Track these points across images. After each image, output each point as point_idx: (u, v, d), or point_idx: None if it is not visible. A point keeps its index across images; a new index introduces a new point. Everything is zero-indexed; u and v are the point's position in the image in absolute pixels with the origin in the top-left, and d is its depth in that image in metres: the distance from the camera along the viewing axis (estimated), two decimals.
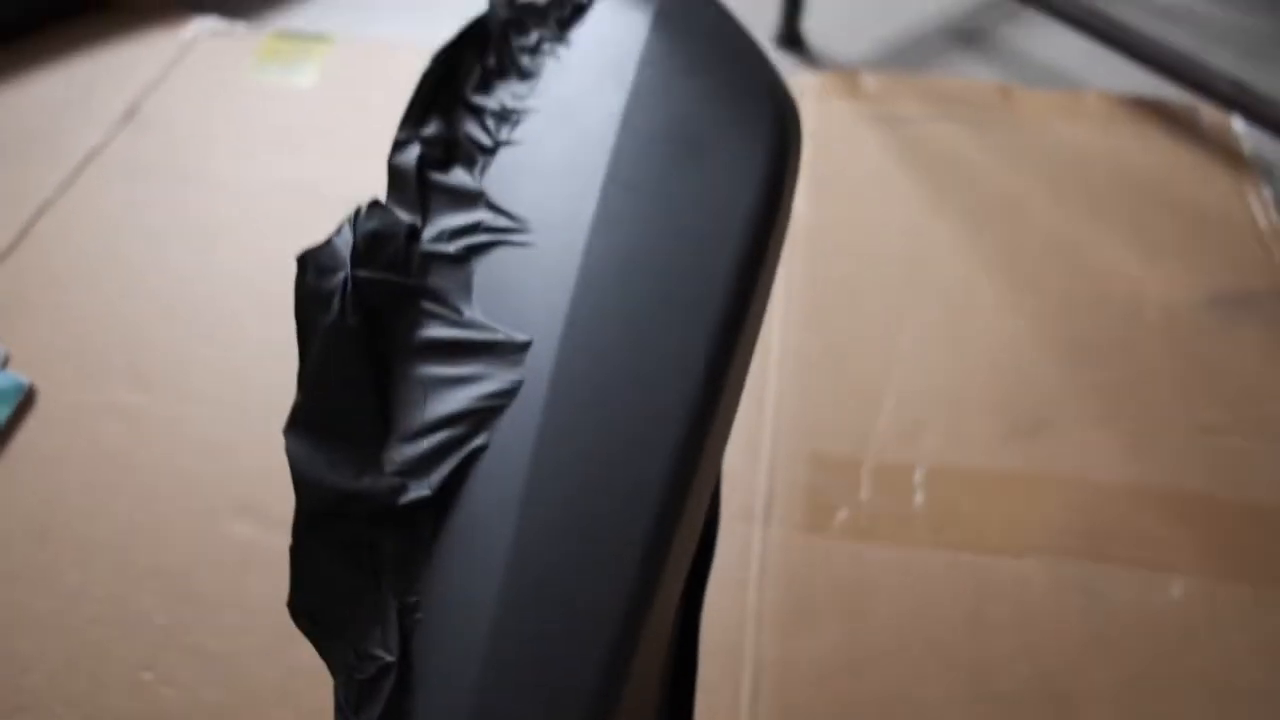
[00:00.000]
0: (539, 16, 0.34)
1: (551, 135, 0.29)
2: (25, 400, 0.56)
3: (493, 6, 0.33)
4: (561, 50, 0.33)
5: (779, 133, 0.29)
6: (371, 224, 0.25)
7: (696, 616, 0.31)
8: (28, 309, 0.61)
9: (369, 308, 0.24)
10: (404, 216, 0.27)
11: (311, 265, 0.25)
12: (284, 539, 0.56)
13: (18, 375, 0.57)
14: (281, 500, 0.54)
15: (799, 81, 0.81)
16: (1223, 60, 0.87)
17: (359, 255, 0.25)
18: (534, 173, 0.28)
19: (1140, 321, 0.63)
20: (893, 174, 0.73)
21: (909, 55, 0.88)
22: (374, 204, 0.26)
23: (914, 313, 0.63)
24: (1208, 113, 0.78)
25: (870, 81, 0.81)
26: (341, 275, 0.24)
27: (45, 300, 0.62)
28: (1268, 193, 0.72)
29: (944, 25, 0.92)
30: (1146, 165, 0.74)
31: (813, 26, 0.89)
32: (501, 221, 0.27)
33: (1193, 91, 0.75)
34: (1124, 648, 0.47)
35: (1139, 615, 0.48)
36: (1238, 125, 0.77)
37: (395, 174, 0.28)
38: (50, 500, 0.51)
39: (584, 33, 0.33)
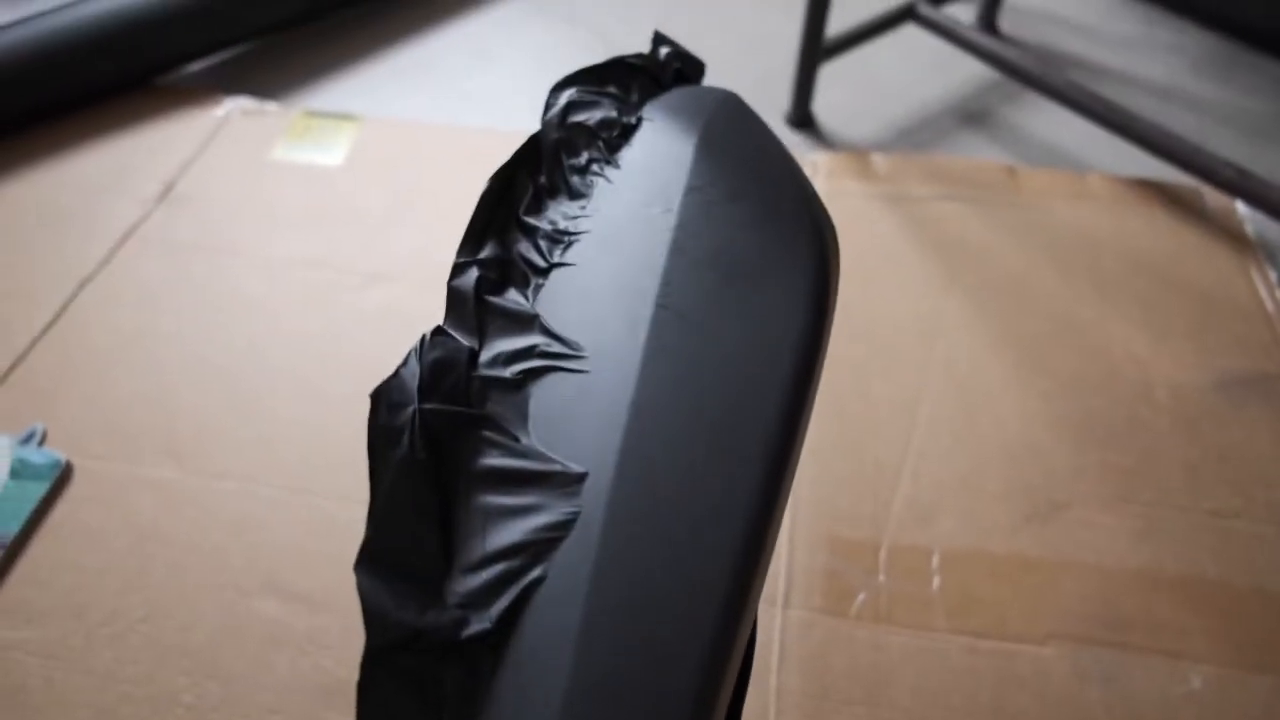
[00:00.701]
0: (589, 137, 0.35)
1: (602, 259, 0.31)
2: (62, 476, 0.57)
3: (546, 127, 0.35)
4: (611, 171, 0.34)
5: (819, 257, 0.30)
6: (435, 353, 0.27)
7: None
8: (66, 384, 0.63)
9: (435, 438, 0.26)
10: (463, 340, 0.28)
11: (384, 401, 0.26)
12: (306, 617, 0.56)
13: (55, 452, 0.58)
14: (306, 577, 0.55)
15: (810, 160, 0.84)
16: (1224, 141, 0.90)
17: (425, 386, 0.26)
18: (586, 296, 0.30)
19: (1149, 402, 0.64)
20: (903, 253, 0.75)
21: (916, 135, 0.91)
22: (437, 331, 0.28)
23: (926, 395, 0.64)
24: (1212, 195, 0.80)
25: (880, 161, 0.84)
26: (410, 410, 0.26)
27: (83, 375, 0.64)
28: (1273, 274, 0.74)
29: (950, 106, 0.95)
30: (1152, 246, 0.76)
31: (823, 108, 0.93)
32: (555, 347, 0.28)
33: (1195, 177, 0.77)
34: None
35: (1159, 706, 0.49)
36: (1241, 208, 0.79)
37: (454, 297, 0.29)
38: (86, 577, 0.53)
39: (633, 154, 0.35)
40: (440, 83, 0.96)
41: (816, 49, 0.88)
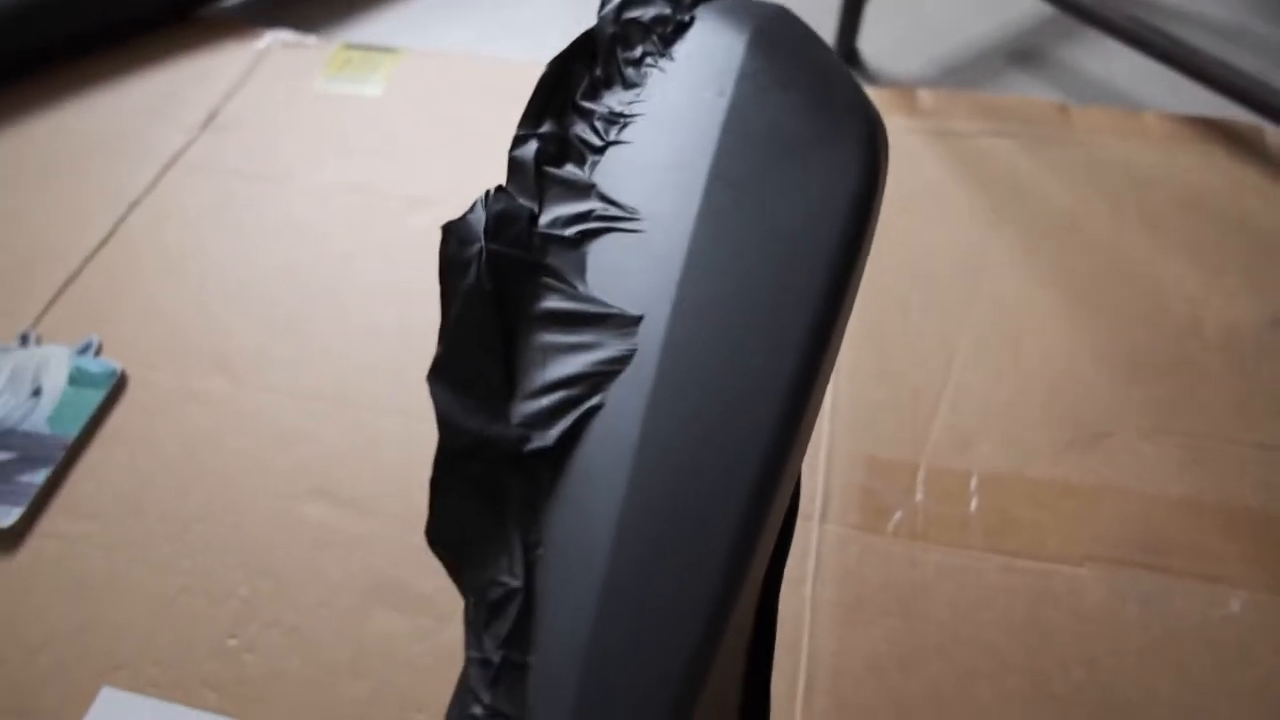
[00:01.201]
0: (644, 32, 0.36)
1: (657, 137, 0.32)
2: (117, 385, 0.59)
3: (601, 22, 0.36)
4: (665, 63, 0.35)
5: (869, 140, 0.31)
6: (499, 205, 0.28)
7: (775, 596, 0.32)
8: (119, 300, 0.65)
9: (499, 277, 0.27)
10: (524, 203, 0.29)
11: (454, 236, 0.27)
12: (354, 521, 0.58)
13: (111, 361, 0.60)
14: (352, 484, 0.57)
15: None
16: None
17: (490, 231, 0.28)
18: (641, 169, 0.31)
19: (1199, 338, 0.63)
20: (948, 189, 0.74)
21: (965, 73, 0.89)
22: (499, 189, 0.29)
23: (969, 326, 0.64)
24: (1274, 132, 0.77)
25: (926, 97, 0.82)
26: (477, 246, 0.27)
27: (135, 292, 0.65)
28: None
29: (1000, 43, 0.93)
30: (1208, 184, 0.74)
31: (868, 44, 0.91)
32: (612, 211, 0.29)
33: (1257, 114, 0.75)
34: (1181, 659, 0.47)
35: (1197, 627, 0.48)
36: None
37: (515, 166, 0.30)
38: (142, 479, 0.54)
39: (685, 48, 0.36)
40: (481, 15, 0.95)
41: None
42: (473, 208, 0.28)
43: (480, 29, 0.94)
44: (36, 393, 0.58)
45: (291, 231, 0.70)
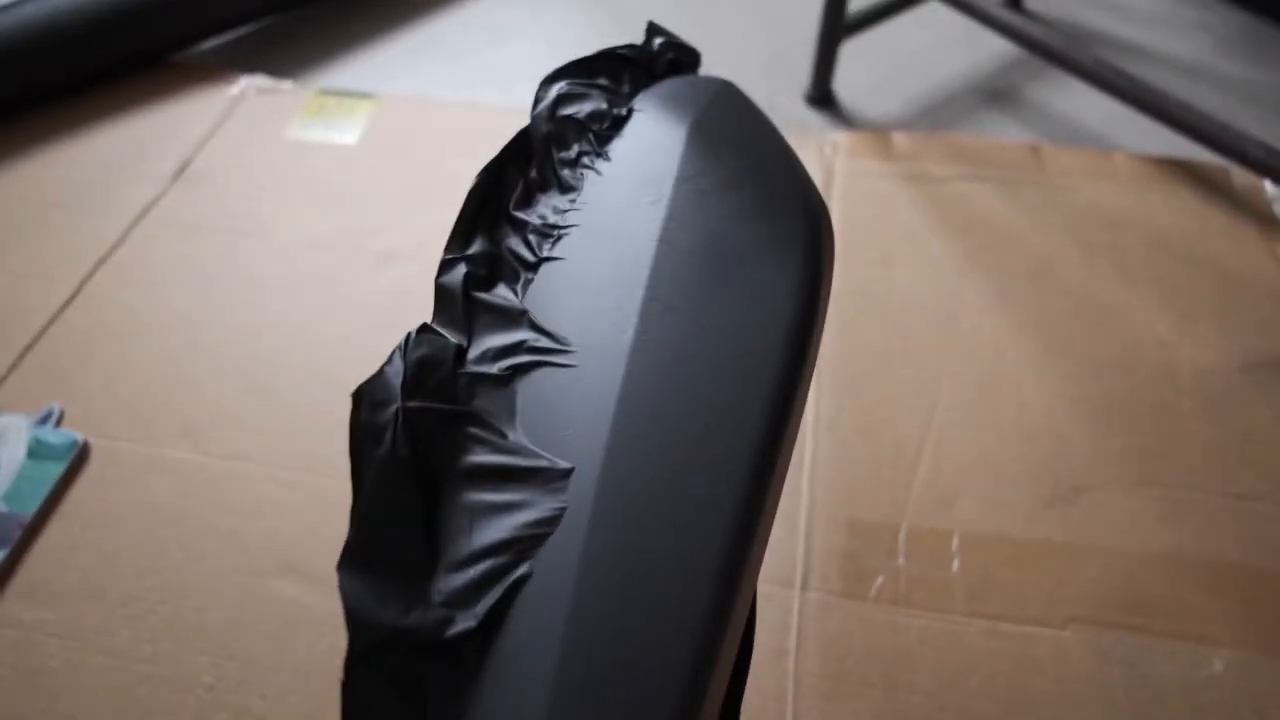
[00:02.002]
0: (579, 130, 0.35)
1: (592, 251, 0.30)
2: (79, 457, 0.57)
3: (535, 121, 0.34)
4: (601, 164, 0.34)
5: (811, 245, 0.30)
6: (421, 350, 0.27)
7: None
8: (83, 363, 0.63)
9: (419, 436, 0.25)
10: (450, 337, 0.28)
11: (366, 400, 0.25)
12: (325, 598, 0.56)
13: (72, 432, 0.58)
14: (322, 559, 0.55)
15: (830, 139, 0.83)
16: (1251, 120, 0.88)
17: (409, 384, 0.26)
18: (575, 290, 0.29)
19: (1173, 385, 0.63)
20: (923, 234, 0.74)
21: (938, 114, 0.90)
22: (423, 329, 0.27)
23: (947, 377, 0.63)
24: (1240, 174, 0.78)
25: (901, 140, 0.82)
26: (393, 408, 0.25)
27: (99, 354, 0.64)
28: None
29: (972, 84, 0.94)
30: (1178, 227, 0.75)
31: (843, 86, 0.91)
32: (543, 342, 0.28)
33: (1223, 156, 0.76)
34: None
35: (1181, 691, 0.48)
36: (1270, 187, 0.77)
37: (442, 294, 0.29)
38: (103, 558, 0.53)
39: (622, 146, 0.34)
40: (457, 61, 0.95)
41: (838, 26, 0.86)
42: (390, 359, 0.26)
43: (457, 73, 0.93)
44: None
45: (261, 289, 0.69)
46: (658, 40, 0.41)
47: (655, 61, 0.41)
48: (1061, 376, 0.64)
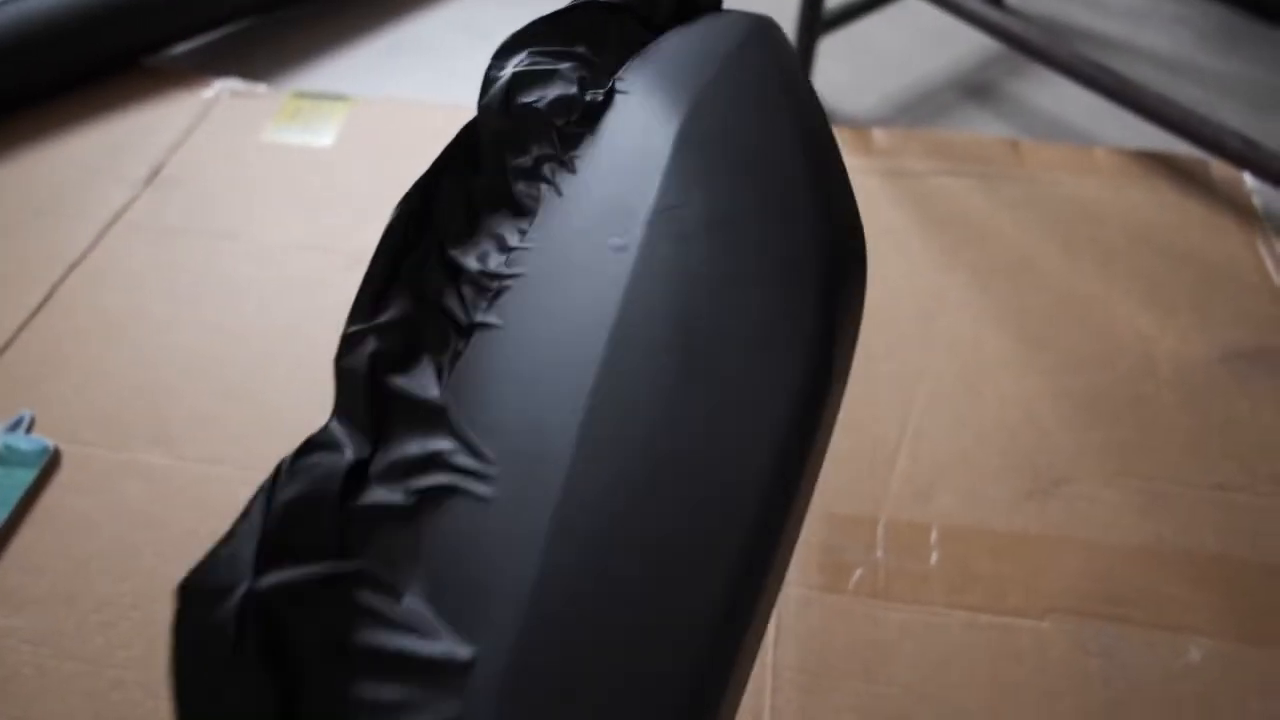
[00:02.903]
0: (541, 125, 0.26)
1: (536, 321, 0.23)
2: (50, 463, 0.56)
3: (483, 114, 0.26)
4: (564, 178, 0.26)
5: (819, 334, 0.22)
6: (292, 490, 0.20)
7: None
8: (54, 369, 0.62)
9: (278, 622, 0.19)
10: (349, 444, 0.22)
11: (196, 593, 0.19)
12: None
13: (43, 439, 0.58)
14: None
15: None
16: (1230, 113, 0.88)
17: (271, 545, 0.20)
18: (508, 378, 0.23)
19: (1153, 377, 0.63)
20: (903, 230, 0.74)
21: (917, 110, 0.90)
22: (303, 449, 0.21)
23: (927, 371, 0.63)
24: (1219, 167, 0.79)
25: (880, 136, 0.82)
26: (239, 593, 0.19)
27: (71, 360, 0.63)
28: None
29: (952, 79, 0.94)
30: (1157, 220, 0.75)
31: (821, 82, 0.91)
32: (462, 459, 0.21)
33: (1202, 149, 0.76)
34: (1144, 714, 0.47)
35: (1159, 680, 0.48)
36: (1249, 180, 0.78)
37: (343, 380, 0.23)
38: (75, 564, 0.52)
39: (594, 151, 0.26)
40: (434, 62, 0.95)
41: (815, 22, 0.86)
42: (247, 511, 0.20)
43: (433, 75, 0.93)
44: None
45: (236, 293, 0.68)
46: None
47: (655, 8, 0.30)
48: (1041, 370, 0.64)
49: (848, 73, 0.93)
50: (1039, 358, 0.65)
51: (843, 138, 0.82)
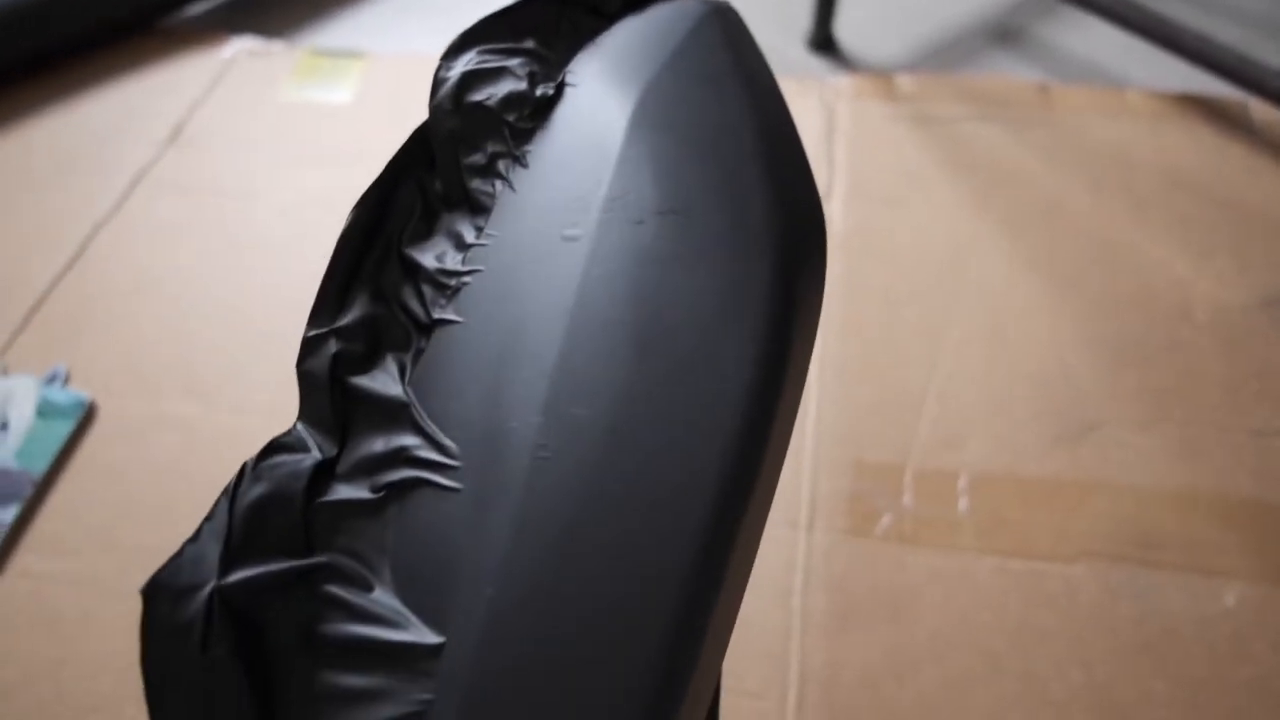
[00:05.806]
0: (493, 123, 0.27)
1: (493, 314, 0.24)
2: (86, 415, 0.57)
3: (435, 114, 0.27)
4: (518, 174, 0.26)
5: (776, 316, 0.22)
6: (256, 491, 0.21)
7: None
8: (86, 325, 0.63)
9: (247, 619, 0.20)
10: (315, 444, 0.22)
11: (160, 593, 0.20)
12: None
13: (78, 392, 0.58)
14: None
15: (833, 84, 0.81)
16: (1270, 53, 0.85)
17: (237, 545, 0.20)
18: (468, 372, 0.23)
19: (1188, 322, 0.62)
20: (930, 176, 0.72)
21: (945, 55, 0.88)
22: (267, 450, 0.22)
23: (955, 318, 0.62)
24: (1258, 108, 0.76)
25: (906, 82, 0.80)
26: (205, 592, 0.20)
27: (102, 316, 0.64)
28: None
29: (980, 23, 0.91)
30: (1193, 163, 0.73)
31: (845, 28, 0.89)
32: (426, 452, 0.22)
33: (1242, 88, 0.73)
34: (1178, 656, 0.46)
35: (1192, 623, 0.48)
36: None
37: (306, 384, 0.23)
38: (114, 512, 0.53)
39: (545, 144, 0.27)
40: (448, 16, 0.93)
41: None
42: (212, 514, 0.20)
43: (449, 28, 0.92)
44: (3, 427, 0.56)
45: (262, 247, 0.68)
46: None
47: None
48: (1073, 315, 0.63)
49: (872, 18, 0.91)
50: (1070, 302, 0.63)
51: (867, 84, 0.80)
